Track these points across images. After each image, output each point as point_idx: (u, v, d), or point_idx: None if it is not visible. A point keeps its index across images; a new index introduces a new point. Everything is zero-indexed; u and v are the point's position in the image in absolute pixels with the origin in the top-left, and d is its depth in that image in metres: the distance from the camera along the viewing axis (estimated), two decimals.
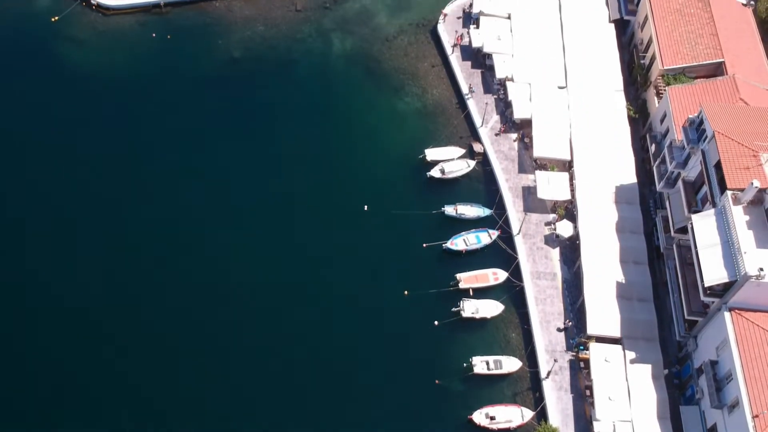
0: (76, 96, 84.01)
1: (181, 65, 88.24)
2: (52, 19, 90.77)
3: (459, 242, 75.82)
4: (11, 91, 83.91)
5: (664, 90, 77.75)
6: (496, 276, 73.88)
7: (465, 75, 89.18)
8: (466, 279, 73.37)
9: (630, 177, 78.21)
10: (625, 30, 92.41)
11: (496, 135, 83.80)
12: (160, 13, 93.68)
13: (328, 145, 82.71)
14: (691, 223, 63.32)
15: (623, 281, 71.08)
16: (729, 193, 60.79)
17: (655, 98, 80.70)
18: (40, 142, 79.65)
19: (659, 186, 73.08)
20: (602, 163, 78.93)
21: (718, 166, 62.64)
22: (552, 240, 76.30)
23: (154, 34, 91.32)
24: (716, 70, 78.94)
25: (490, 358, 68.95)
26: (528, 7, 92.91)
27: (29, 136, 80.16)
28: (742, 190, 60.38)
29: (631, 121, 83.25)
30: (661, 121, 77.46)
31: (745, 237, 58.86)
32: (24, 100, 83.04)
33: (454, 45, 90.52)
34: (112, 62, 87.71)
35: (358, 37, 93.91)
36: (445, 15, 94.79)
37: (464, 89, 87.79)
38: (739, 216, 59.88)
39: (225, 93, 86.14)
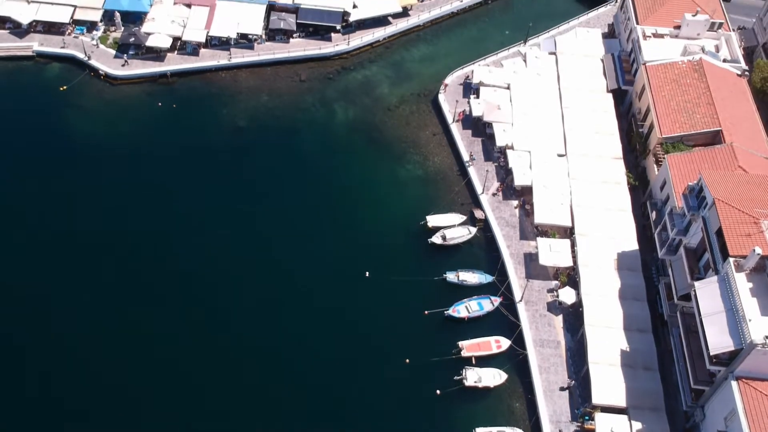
0: (82, 164, 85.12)
1: (187, 134, 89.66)
2: (61, 89, 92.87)
3: (461, 309, 75.25)
4: (19, 158, 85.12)
5: (663, 158, 78.50)
6: (498, 344, 73.02)
7: (466, 143, 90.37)
8: (469, 347, 72.50)
9: (631, 244, 78.17)
10: (623, 99, 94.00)
11: (494, 195, 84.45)
12: (166, 83, 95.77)
13: (330, 211, 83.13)
14: (694, 291, 62.90)
15: (627, 349, 70.14)
16: (731, 260, 60.59)
17: (655, 166, 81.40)
18: (46, 209, 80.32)
19: (661, 253, 72.93)
20: (603, 230, 79.01)
21: (720, 233, 62.65)
22: (555, 307, 75.72)
23: (160, 104, 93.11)
24: (714, 139, 79.87)
25: (494, 429, 67.43)
26: (527, 78, 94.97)
27: (36, 201, 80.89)
28: (744, 257, 60.19)
29: (631, 188, 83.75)
30: (661, 188, 77.92)
31: (749, 304, 58.33)
32: (31, 168, 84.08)
33: (456, 120, 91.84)
34: (119, 131, 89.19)
35: (361, 106, 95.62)
36: (446, 85, 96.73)
37: (465, 157, 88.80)
38: (742, 283, 59.49)
39: (229, 161, 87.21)
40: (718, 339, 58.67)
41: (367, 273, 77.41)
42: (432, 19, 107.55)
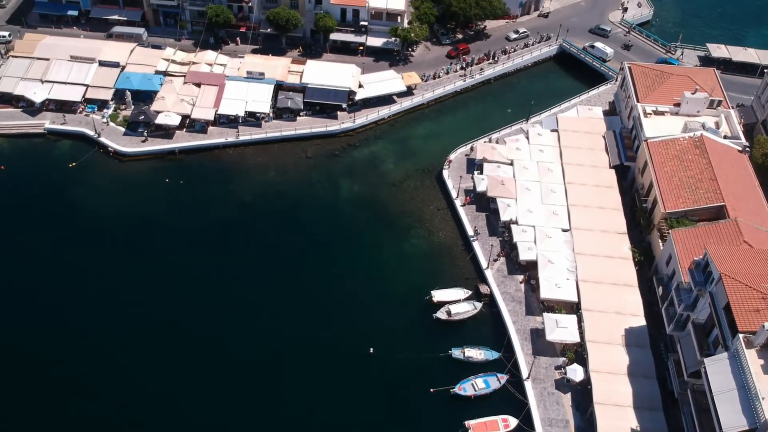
0: (89, 240, 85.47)
1: (193, 210, 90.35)
2: (70, 165, 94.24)
3: (467, 387, 73.81)
4: (28, 234, 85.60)
5: (668, 233, 78.49)
6: (506, 423, 71.23)
7: (470, 218, 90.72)
8: (476, 426, 70.72)
9: (639, 319, 77.21)
10: (625, 175, 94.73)
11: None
12: (174, 159, 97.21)
13: (335, 286, 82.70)
14: (705, 368, 61.70)
15: (638, 429, 68.30)
16: (741, 336, 59.65)
17: (660, 241, 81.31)
18: (53, 284, 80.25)
19: (669, 329, 71.96)
20: (610, 306, 78.22)
21: (728, 308, 61.93)
22: (563, 385, 74.22)
23: (167, 180, 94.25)
24: (718, 213, 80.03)
25: None
26: (530, 154, 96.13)
27: (43, 276, 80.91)
28: (753, 332, 59.31)
29: (637, 263, 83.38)
30: (667, 263, 77.57)
31: (761, 382, 57.08)
32: (38, 243, 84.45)
33: (463, 205, 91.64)
34: (126, 207, 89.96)
35: (366, 182, 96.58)
36: (450, 161, 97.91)
37: (469, 232, 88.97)
38: (753, 360, 58.36)
39: (234, 236, 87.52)
40: (731, 418, 57.16)
41: (372, 349, 76.37)
42: (436, 98, 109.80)
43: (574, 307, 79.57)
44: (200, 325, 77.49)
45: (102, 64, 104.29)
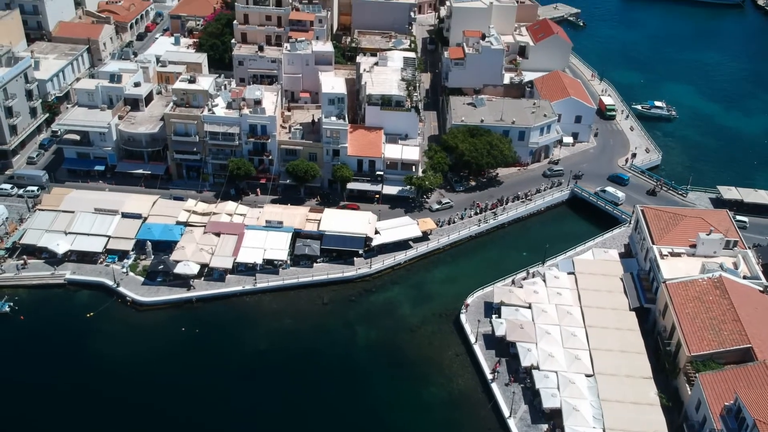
0: (104, 389, 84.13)
1: (208, 358, 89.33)
2: (87, 315, 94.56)
3: None
4: (43, 384, 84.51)
5: (695, 377, 76.08)
6: None
7: (490, 364, 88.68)
8: None
9: None
10: (646, 317, 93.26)
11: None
12: (191, 308, 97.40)
13: None
14: None
15: None
16: None
17: (687, 386, 78.61)
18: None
19: None
20: None
21: None
22: None
23: (183, 328, 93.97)
24: (744, 356, 77.87)
25: None
26: (548, 297, 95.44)
27: (61, 427, 79.46)
28: None
29: (665, 409, 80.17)
30: (697, 409, 74.58)
31: None
32: (54, 394, 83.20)
33: (493, 371, 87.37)
34: (141, 357, 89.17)
35: (383, 327, 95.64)
36: (468, 305, 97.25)
37: (490, 378, 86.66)
38: None
39: (249, 386, 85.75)
40: None
41: None
42: (451, 243, 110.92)
43: None
44: None
45: (125, 215, 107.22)
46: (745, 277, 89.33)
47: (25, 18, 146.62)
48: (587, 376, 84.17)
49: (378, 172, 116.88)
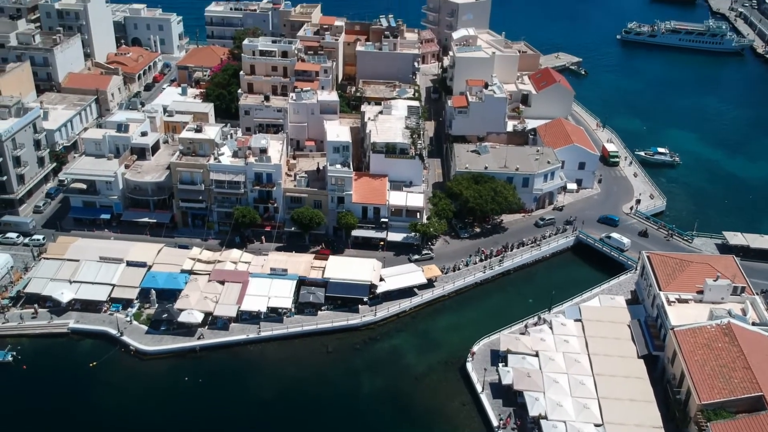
0: None
1: (211, 408, 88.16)
2: (90, 365, 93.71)
3: None
4: None
5: (706, 426, 74.67)
6: None
7: (497, 413, 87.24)
8: None
9: None
10: (655, 365, 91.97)
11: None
12: (195, 356, 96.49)
13: None
14: None
15: None
16: None
17: None
18: None
19: None
20: None
21: None
22: None
23: (186, 378, 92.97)
24: (756, 404, 76.46)
25: None
26: (555, 345, 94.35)
27: None
28: None
29: None
30: None
31: None
32: None
33: (504, 425, 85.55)
34: (145, 406, 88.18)
35: (388, 376, 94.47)
36: (474, 353, 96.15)
37: (497, 429, 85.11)
38: None
39: None
40: None
41: None
42: (456, 290, 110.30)
43: None
44: None
45: (129, 264, 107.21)
46: (753, 324, 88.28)
47: (35, 69, 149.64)
48: (596, 425, 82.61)
49: (383, 219, 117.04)
